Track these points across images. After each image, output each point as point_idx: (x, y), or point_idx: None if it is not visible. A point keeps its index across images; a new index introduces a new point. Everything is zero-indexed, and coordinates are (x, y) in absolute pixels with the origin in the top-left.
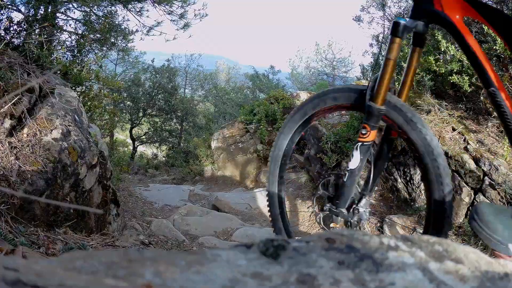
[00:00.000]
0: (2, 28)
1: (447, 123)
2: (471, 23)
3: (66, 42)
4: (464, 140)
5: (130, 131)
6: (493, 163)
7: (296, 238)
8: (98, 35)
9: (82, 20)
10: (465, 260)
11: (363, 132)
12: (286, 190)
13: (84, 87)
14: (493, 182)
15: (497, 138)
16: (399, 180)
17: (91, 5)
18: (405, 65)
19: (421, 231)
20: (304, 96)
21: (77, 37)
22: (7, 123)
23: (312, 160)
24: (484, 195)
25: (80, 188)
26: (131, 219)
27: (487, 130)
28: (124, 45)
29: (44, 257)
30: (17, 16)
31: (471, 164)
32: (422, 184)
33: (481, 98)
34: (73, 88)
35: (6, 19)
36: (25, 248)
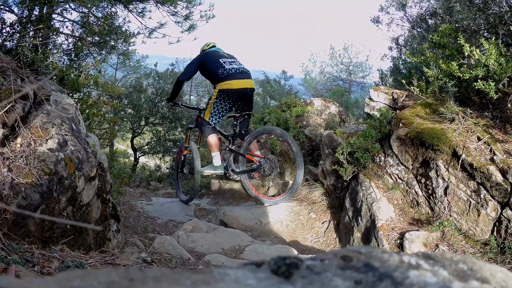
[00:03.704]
0: None
1: (472, 132)
2: (497, 25)
3: (63, 45)
4: (490, 150)
5: (132, 141)
6: None
7: (310, 256)
8: (97, 38)
9: (80, 22)
10: (491, 279)
11: None
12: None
13: (82, 93)
14: None
15: None
16: (421, 193)
17: (89, 6)
18: (426, 69)
19: (444, 249)
20: (318, 103)
21: (74, 40)
22: None
23: (326, 172)
24: None
25: (78, 202)
26: (133, 236)
27: None
28: (124, 48)
29: (39, 276)
30: (10, 18)
31: (498, 176)
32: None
33: (509, 105)
34: (70, 94)
35: None
36: (19, 267)
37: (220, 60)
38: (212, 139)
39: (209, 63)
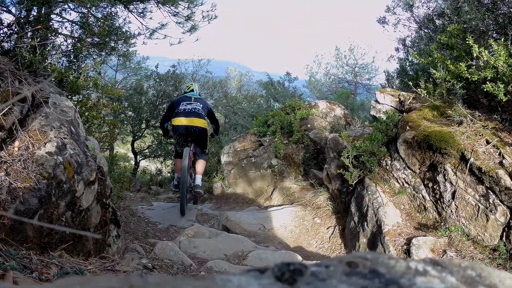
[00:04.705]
0: None
1: (480, 135)
2: (506, 26)
3: (62, 46)
4: (499, 154)
5: (132, 144)
6: None
7: (315, 261)
8: (96, 39)
9: (79, 22)
10: (500, 286)
11: None
12: None
13: (81, 96)
14: None
15: None
16: (428, 198)
17: (89, 6)
18: (433, 71)
19: (452, 254)
20: (323, 105)
21: (73, 41)
22: None
23: (332, 176)
24: None
25: (77, 207)
26: (133, 241)
27: None
28: (125, 49)
29: (37, 283)
30: (7, 18)
31: (507, 181)
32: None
33: None
34: (69, 97)
35: None
36: (17, 273)
37: (181, 103)
38: (176, 163)
39: (175, 106)
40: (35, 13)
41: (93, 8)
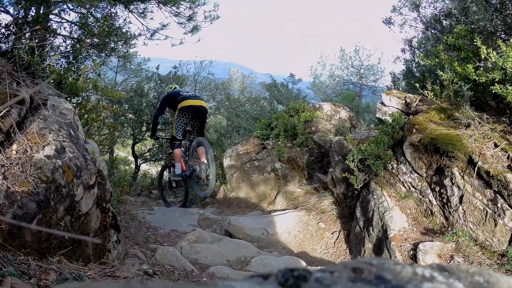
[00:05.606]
0: None
1: (488, 138)
2: None
3: (61, 47)
4: (508, 157)
5: (132, 148)
6: None
7: (319, 267)
8: (96, 40)
9: (78, 23)
10: None
11: None
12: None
13: (80, 98)
14: None
15: None
16: (435, 202)
17: (88, 6)
18: (440, 72)
19: (459, 260)
20: (327, 108)
21: (72, 41)
22: None
23: (336, 180)
24: None
25: (76, 211)
26: (134, 246)
27: None
28: (125, 50)
29: None
30: (5, 18)
31: None
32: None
33: None
34: (68, 99)
35: None
36: (14, 279)
37: (180, 92)
38: (177, 152)
39: (173, 97)
40: (33, 14)
41: (93, 8)
